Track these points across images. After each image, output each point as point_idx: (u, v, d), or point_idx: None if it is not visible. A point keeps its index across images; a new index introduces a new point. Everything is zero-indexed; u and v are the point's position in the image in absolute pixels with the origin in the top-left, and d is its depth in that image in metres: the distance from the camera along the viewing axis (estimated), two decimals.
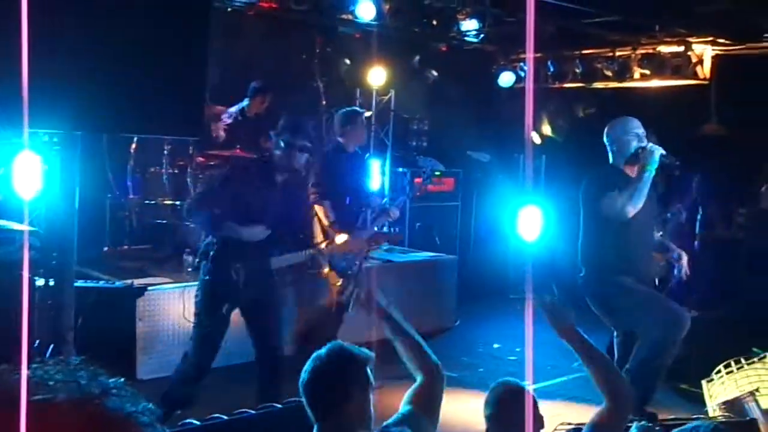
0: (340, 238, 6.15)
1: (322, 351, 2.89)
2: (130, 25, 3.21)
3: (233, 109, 8.41)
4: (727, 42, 8.75)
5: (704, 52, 8.99)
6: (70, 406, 0.93)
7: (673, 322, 5.29)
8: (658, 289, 5.99)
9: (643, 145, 5.37)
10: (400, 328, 3.39)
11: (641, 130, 5.42)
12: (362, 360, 2.87)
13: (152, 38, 3.24)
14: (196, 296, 5.21)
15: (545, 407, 3.92)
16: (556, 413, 5.97)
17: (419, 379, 3.22)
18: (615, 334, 5.80)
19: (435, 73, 10.40)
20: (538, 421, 3.13)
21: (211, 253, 5.00)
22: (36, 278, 4.10)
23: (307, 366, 2.89)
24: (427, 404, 3.14)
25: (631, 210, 5.25)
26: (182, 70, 3.30)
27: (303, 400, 2.88)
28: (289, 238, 5.28)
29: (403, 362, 3.54)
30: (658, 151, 5.26)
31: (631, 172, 5.47)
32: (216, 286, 5.07)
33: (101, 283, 4.99)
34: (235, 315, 5.37)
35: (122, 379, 1.00)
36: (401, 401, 3.16)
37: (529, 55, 9.39)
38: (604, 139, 5.57)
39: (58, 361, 0.99)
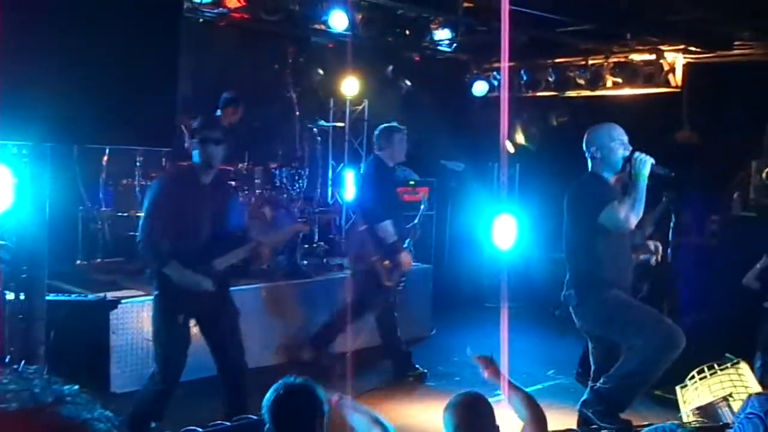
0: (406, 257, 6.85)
1: (292, 380, 3.12)
2: (101, 36, 3.18)
3: None
4: (699, 50, 8.83)
5: (676, 60, 9.08)
6: (23, 415, 0.92)
7: (671, 341, 5.22)
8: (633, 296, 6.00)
9: (628, 152, 5.29)
10: (355, 405, 3.68)
11: (626, 138, 5.31)
12: (322, 399, 3.12)
13: (123, 50, 3.22)
14: (153, 313, 5.18)
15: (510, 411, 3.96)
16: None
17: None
18: (591, 344, 5.78)
19: (408, 83, 10.43)
20: (496, 430, 3.25)
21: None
22: (6, 292, 4.05)
23: (278, 390, 3.09)
24: None
25: (634, 220, 5.17)
26: (153, 82, 3.28)
27: (266, 417, 2.95)
28: (228, 238, 5.23)
29: (377, 371, 3.68)
30: (650, 160, 5.19)
31: (616, 180, 5.44)
32: (167, 300, 5.04)
33: (73, 297, 4.93)
34: None
35: (77, 387, 0.99)
36: (376, 407, 3.24)
37: (504, 64, 9.43)
38: (585, 145, 5.41)
39: (11, 371, 0.98)
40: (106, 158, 7.55)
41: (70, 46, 3.10)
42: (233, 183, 7.13)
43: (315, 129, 9.34)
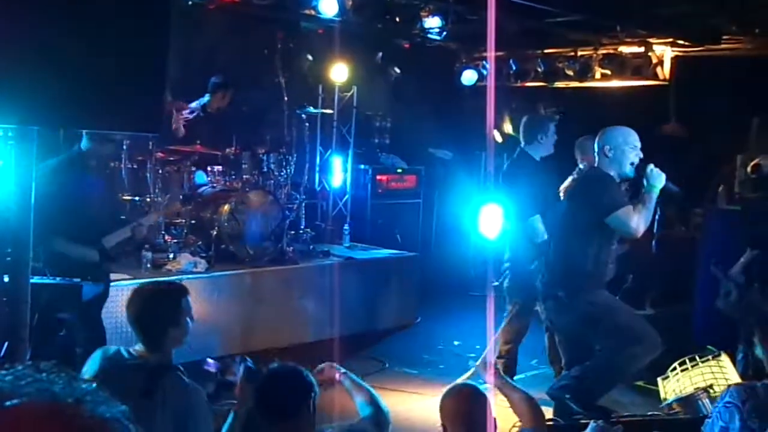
0: None
1: (277, 365, 3.24)
2: (89, 18, 3.15)
3: (194, 105, 8.34)
4: (687, 44, 8.86)
5: (664, 53, 9.11)
6: (45, 413, 0.91)
7: (650, 347, 5.29)
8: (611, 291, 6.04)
9: (638, 159, 5.31)
10: (356, 382, 3.73)
11: (639, 144, 5.37)
12: (310, 383, 3.17)
13: (111, 32, 3.19)
14: None
15: (503, 405, 3.98)
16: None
17: (368, 411, 3.51)
18: (558, 337, 5.81)
19: (398, 70, 10.42)
20: (492, 422, 3.23)
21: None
22: None
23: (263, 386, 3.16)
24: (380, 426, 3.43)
25: (643, 230, 5.23)
26: (142, 65, 3.24)
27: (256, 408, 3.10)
28: (113, 220, 5.64)
29: (361, 358, 3.72)
30: (663, 174, 5.22)
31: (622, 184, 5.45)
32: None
33: (58, 279, 4.90)
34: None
35: (95, 384, 0.98)
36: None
37: (491, 53, 9.44)
38: (598, 142, 5.40)
39: (28, 365, 0.97)
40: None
41: (57, 28, 3.07)
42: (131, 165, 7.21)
43: (303, 115, 9.32)
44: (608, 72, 9.41)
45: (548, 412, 5.40)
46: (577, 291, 5.32)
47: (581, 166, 6.29)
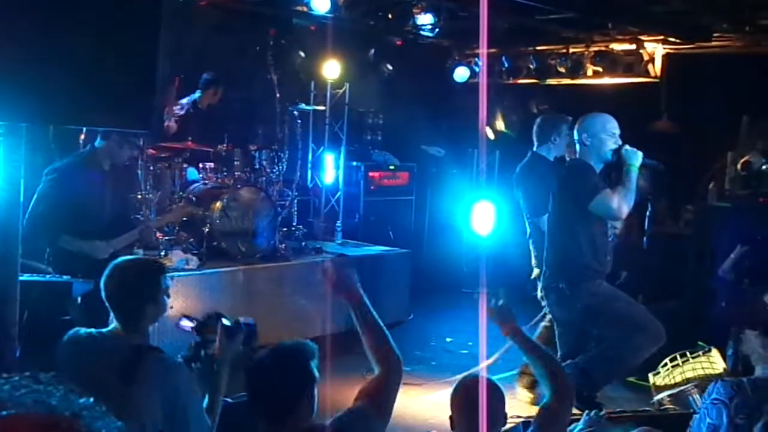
0: None
1: (269, 351, 2.95)
2: (77, 15, 3.15)
3: (185, 101, 8.33)
4: (678, 41, 8.88)
5: (656, 50, 9.13)
6: (41, 424, 0.90)
7: (653, 336, 5.30)
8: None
9: (618, 146, 5.33)
10: (369, 317, 3.35)
11: (618, 131, 5.36)
12: (308, 355, 2.92)
13: (101, 29, 3.19)
14: None
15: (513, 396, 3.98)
16: (509, 406, 6.02)
17: (377, 371, 3.18)
18: (559, 329, 5.82)
19: (390, 67, 10.41)
20: (504, 417, 3.23)
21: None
22: None
23: (254, 365, 2.95)
24: (379, 399, 3.09)
25: (626, 210, 5.25)
26: (132, 61, 3.24)
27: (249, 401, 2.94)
28: (124, 222, 5.68)
29: (355, 355, 3.57)
30: (639, 152, 5.24)
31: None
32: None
33: (47, 277, 4.90)
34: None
35: (92, 399, 0.97)
36: (352, 395, 3.16)
37: (483, 50, 9.43)
38: (577, 130, 5.44)
39: (27, 376, 0.96)
40: (83, 137, 7.53)
41: (46, 25, 3.06)
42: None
43: (295, 112, 9.31)
44: (600, 69, 9.42)
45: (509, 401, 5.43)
46: (578, 281, 5.34)
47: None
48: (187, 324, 3.67)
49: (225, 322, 3.56)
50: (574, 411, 4.21)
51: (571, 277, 5.38)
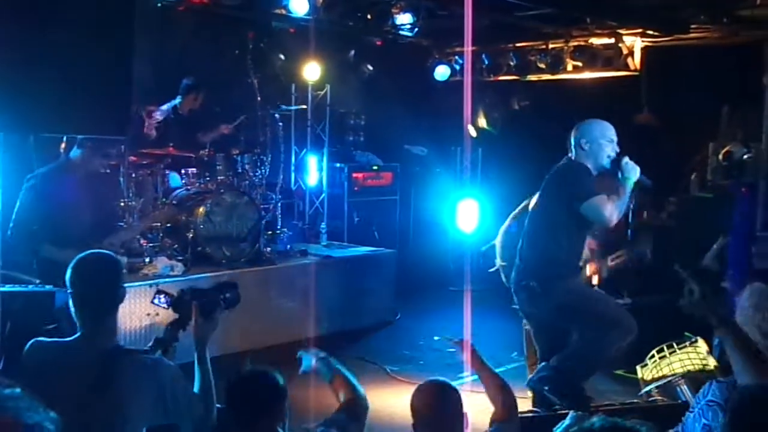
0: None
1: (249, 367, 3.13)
2: (53, 24, 3.14)
3: (165, 107, 8.30)
4: (657, 34, 8.91)
5: (634, 43, 9.14)
6: None
7: (626, 330, 5.31)
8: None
9: (615, 153, 5.36)
10: (334, 367, 3.72)
11: (616, 139, 5.40)
12: (280, 385, 3.05)
13: (76, 37, 3.18)
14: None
15: (482, 398, 3.98)
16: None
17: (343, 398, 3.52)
18: (533, 328, 5.83)
19: (371, 68, 10.41)
20: (464, 417, 3.25)
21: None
22: None
23: (234, 386, 3.04)
24: (356, 415, 3.38)
25: (616, 219, 5.27)
26: (107, 69, 3.24)
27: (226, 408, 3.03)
28: (106, 228, 5.71)
29: (339, 357, 3.75)
30: (637, 167, 5.28)
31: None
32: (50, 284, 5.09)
33: (30, 287, 4.87)
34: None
35: (19, 389, 0.96)
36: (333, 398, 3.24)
37: (467, 48, 9.46)
38: (576, 134, 5.43)
39: None
40: (63, 146, 7.49)
41: (21, 34, 3.05)
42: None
43: (277, 115, 9.29)
44: (579, 64, 9.43)
45: (527, 403, 5.45)
46: (551, 279, 5.33)
47: None
48: (162, 300, 3.59)
49: (195, 289, 3.52)
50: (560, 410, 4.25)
51: (544, 276, 5.37)
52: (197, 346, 3.38)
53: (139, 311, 6.67)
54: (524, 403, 5.47)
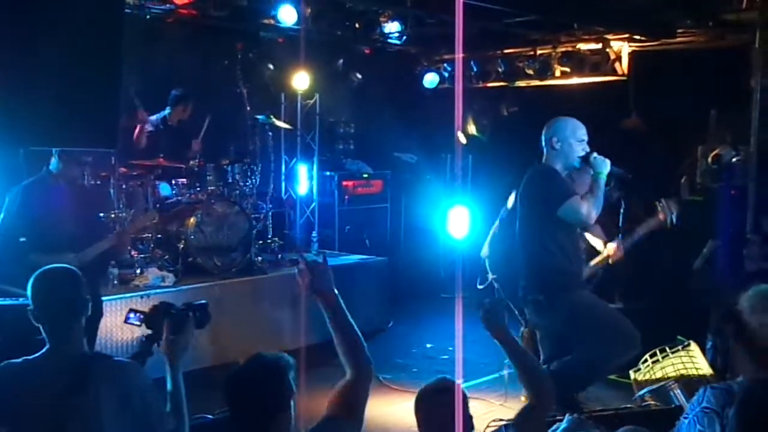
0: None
1: (247, 363, 2.95)
2: (40, 36, 3.14)
3: (154, 118, 8.30)
4: (644, 38, 8.95)
5: (622, 48, 9.19)
6: None
7: (629, 344, 5.34)
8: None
9: (585, 153, 5.35)
10: (342, 318, 3.40)
11: (586, 137, 5.39)
12: (286, 368, 2.92)
13: (64, 50, 3.18)
14: None
15: (479, 404, 3.97)
16: (489, 410, 6.04)
17: (347, 374, 3.23)
18: (540, 334, 5.82)
19: (359, 76, 10.42)
20: (468, 420, 3.16)
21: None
22: None
23: (233, 377, 2.91)
24: (349, 404, 3.12)
25: (595, 216, 5.25)
26: (95, 81, 3.23)
27: (229, 411, 2.89)
28: (91, 238, 5.64)
29: (332, 367, 3.58)
30: (607, 160, 5.27)
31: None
32: None
33: (21, 300, 4.85)
34: None
35: None
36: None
37: (458, 55, 9.48)
38: (546, 134, 5.44)
39: None
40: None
41: (10, 49, 3.05)
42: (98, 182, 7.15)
43: (267, 126, 9.29)
44: (567, 69, 9.47)
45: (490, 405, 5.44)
46: (557, 292, 5.32)
47: None
48: (134, 318, 3.61)
49: (173, 311, 3.49)
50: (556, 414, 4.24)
51: (549, 288, 5.36)
52: (168, 363, 3.38)
53: None
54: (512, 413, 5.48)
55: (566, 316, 5.33)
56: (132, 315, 3.64)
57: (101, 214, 6.80)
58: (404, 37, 9.68)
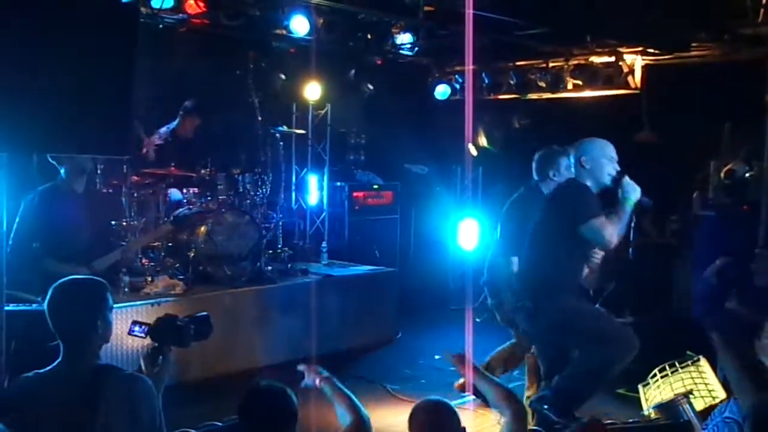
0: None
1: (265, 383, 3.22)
2: (55, 43, 3.16)
3: (163, 130, 8.33)
4: (657, 52, 8.94)
5: (635, 62, 9.18)
6: None
7: (627, 346, 5.30)
8: (591, 299, 6.05)
9: (615, 172, 5.37)
10: (339, 388, 3.76)
11: (616, 156, 5.40)
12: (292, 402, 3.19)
13: (78, 57, 3.20)
14: None
15: (484, 416, 3.98)
16: (495, 422, 6.01)
17: (348, 420, 3.51)
18: (537, 347, 5.81)
19: (371, 87, 10.43)
20: None
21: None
22: None
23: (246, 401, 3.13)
24: None
25: (616, 240, 5.26)
26: (108, 88, 3.25)
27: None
28: (105, 246, 5.73)
29: (341, 377, 3.89)
30: (638, 187, 5.28)
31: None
32: None
33: (34, 306, 4.87)
34: None
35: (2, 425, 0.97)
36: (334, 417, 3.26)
37: (468, 67, 9.50)
38: (575, 154, 5.48)
39: None
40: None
41: (23, 54, 3.07)
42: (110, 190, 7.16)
43: (278, 134, 9.32)
44: (580, 82, 9.47)
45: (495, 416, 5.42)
46: (543, 298, 5.32)
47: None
48: (138, 331, 3.61)
49: (179, 322, 3.56)
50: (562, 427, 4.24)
51: (537, 295, 5.36)
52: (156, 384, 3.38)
53: None
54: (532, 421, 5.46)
55: (554, 323, 5.32)
56: (136, 327, 3.62)
57: (113, 222, 6.83)
58: (416, 49, 9.71)
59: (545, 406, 5.29)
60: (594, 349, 5.27)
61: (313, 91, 9.67)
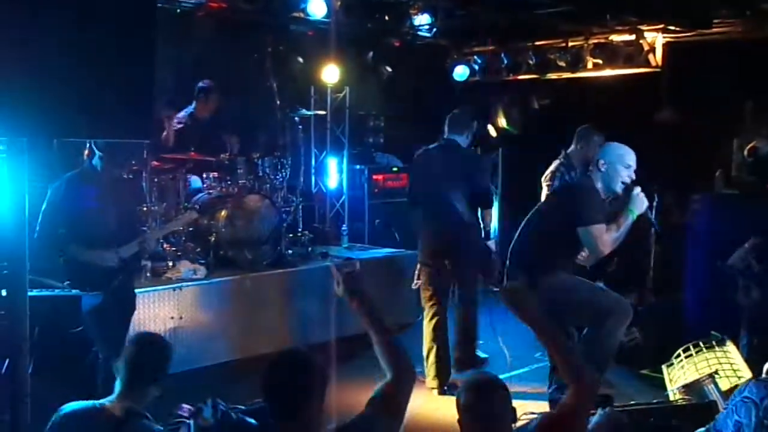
0: None
1: (280, 355, 3.01)
2: (75, 27, 3.15)
3: (181, 114, 8.34)
4: (678, 29, 8.83)
5: (656, 40, 9.07)
6: None
7: (620, 313, 5.36)
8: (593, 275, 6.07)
9: (631, 180, 5.38)
10: (377, 320, 3.34)
11: (634, 166, 5.43)
12: (317, 363, 2.99)
13: (98, 41, 3.19)
14: None
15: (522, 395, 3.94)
16: (520, 403, 5.99)
17: (388, 376, 3.15)
18: None
19: (389, 69, 10.38)
20: (512, 413, 3.14)
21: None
22: None
23: (268, 369, 2.96)
24: (390, 404, 3.08)
25: (607, 252, 5.36)
26: (129, 72, 3.24)
27: (264, 402, 2.92)
28: (131, 232, 5.65)
29: (364, 359, 3.58)
30: (647, 202, 5.34)
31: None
32: (78, 286, 5.15)
33: (56, 291, 4.90)
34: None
35: None
36: (363, 399, 3.13)
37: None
38: (598, 152, 5.56)
39: None
40: (87, 152, 7.53)
41: (43, 39, 3.06)
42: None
43: (296, 118, 9.30)
44: (600, 61, 9.37)
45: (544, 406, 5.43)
46: (535, 275, 5.36)
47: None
48: (184, 410, 3.56)
49: (220, 407, 3.45)
50: None
51: (530, 272, 5.41)
52: None
53: (163, 314, 6.73)
54: (542, 406, 5.46)
55: (550, 301, 5.29)
56: (184, 407, 3.53)
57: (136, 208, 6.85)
58: (434, 30, 9.64)
59: (562, 395, 5.29)
60: (591, 326, 5.35)
61: (331, 73, 9.64)
